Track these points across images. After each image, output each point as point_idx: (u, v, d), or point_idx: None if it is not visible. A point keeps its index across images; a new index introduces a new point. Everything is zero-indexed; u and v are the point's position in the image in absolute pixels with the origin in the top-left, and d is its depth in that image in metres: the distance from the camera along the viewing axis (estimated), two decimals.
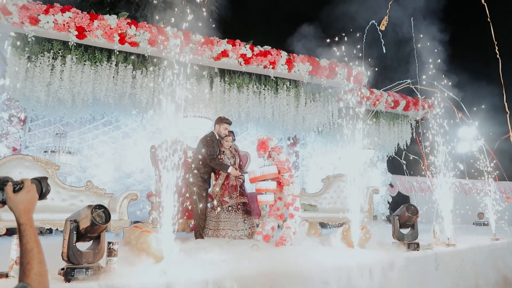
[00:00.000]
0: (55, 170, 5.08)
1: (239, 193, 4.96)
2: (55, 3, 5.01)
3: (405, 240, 4.00)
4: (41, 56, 5.23)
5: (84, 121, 7.18)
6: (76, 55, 5.35)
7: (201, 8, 9.66)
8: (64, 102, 5.74)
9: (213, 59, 5.87)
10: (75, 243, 2.54)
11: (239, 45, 5.97)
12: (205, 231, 4.78)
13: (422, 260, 3.87)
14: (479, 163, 5.84)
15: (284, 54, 6.35)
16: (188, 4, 9.16)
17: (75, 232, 2.56)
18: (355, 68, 6.99)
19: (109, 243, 2.70)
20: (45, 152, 6.46)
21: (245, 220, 4.92)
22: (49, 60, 5.26)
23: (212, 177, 5.36)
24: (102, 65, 5.49)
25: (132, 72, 5.67)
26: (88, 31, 5.07)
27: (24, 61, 5.15)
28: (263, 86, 6.60)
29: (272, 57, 6.20)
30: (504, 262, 4.72)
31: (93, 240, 2.71)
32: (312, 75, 6.66)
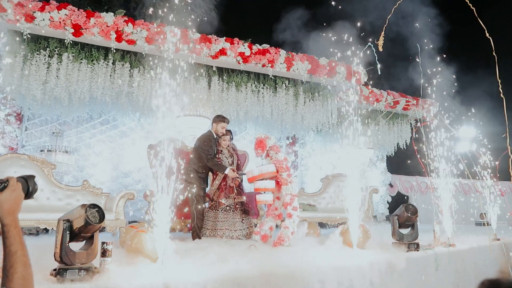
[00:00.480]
0: (51, 169, 5.02)
1: (237, 193, 4.91)
2: (51, 0, 4.95)
3: (405, 240, 3.95)
4: (37, 54, 5.17)
5: (81, 120, 7.12)
6: (73, 53, 5.29)
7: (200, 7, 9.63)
8: (61, 101, 5.68)
9: (211, 58, 5.81)
10: (68, 243, 2.48)
11: (238, 43, 5.91)
12: (203, 231, 4.72)
13: (422, 261, 3.82)
14: (479, 162, 5.79)
15: (283, 53, 6.30)
16: (187, 3, 9.13)
17: (68, 232, 2.50)
18: (355, 67, 6.94)
19: (103, 243, 2.65)
20: (42, 151, 6.40)
21: (243, 220, 4.87)
22: (45, 58, 5.20)
23: (210, 176, 5.32)
24: (99, 63, 5.43)
25: (130, 71, 5.61)
26: (85, 29, 5.01)
27: (20, 59, 5.10)
28: (262, 85, 6.54)
29: (271, 56, 6.14)
30: (505, 263, 4.66)
31: (87, 240, 2.65)
32: (311, 74, 6.61)
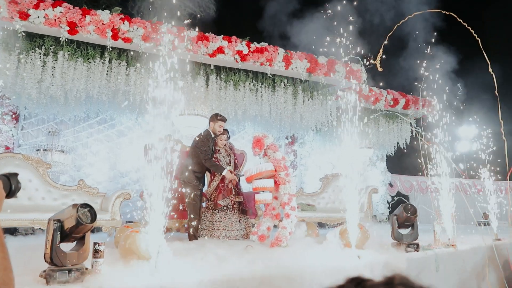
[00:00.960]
0: (46, 169, 4.96)
1: (235, 192, 4.84)
2: None
3: (405, 241, 3.88)
4: (32, 52, 5.11)
5: (78, 119, 7.06)
6: (68, 52, 5.23)
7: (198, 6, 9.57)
8: (57, 100, 5.62)
9: (209, 56, 5.74)
10: (59, 244, 2.42)
11: (235, 42, 5.84)
12: (200, 231, 4.66)
13: (422, 261, 3.75)
14: (480, 162, 5.74)
15: (281, 51, 6.23)
16: (185, 1, 9.07)
17: (59, 232, 2.44)
18: (354, 66, 6.88)
19: (95, 244, 2.59)
20: (38, 151, 6.34)
21: (241, 220, 4.80)
22: (41, 57, 5.14)
23: (207, 175, 5.25)
24: (95, 62, 5.36)
25: (126, 69, 5.55)
26: (80, 27, 4.95)
27: (15, 57, 5.04)
28: (260, 84, 6.48)
29: (269, 54, 6.08)
30: (506, 263, 4.60)
31: (78, 241, 2.59)
32: (310, 73, 6.54)
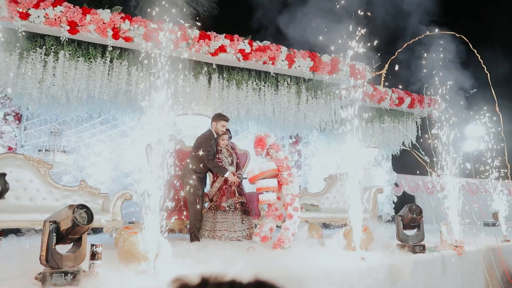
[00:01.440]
0: (48, 169, 4.93)
1: (238, 193, 4.78)
2: None
3: (410, 242, 3.79)
4: (33, 52, 5.08)
5: (81, 120, 7.03)
6: (69, 51, 5.19)
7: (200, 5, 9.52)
8: (58, 100, 5.59)
9: (211, 55, 5.69)
10: (55, 246, 2.37)
11: (237, 40, 5.78)
12: (201, 232, 4.60)
13: (429, 263, 3.66)
14: (487, 161, 5.63)
15: (284, 50, 6.15)
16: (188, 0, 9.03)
17: (55, 234, 2.39)
18: (359, 64, 6.79)
19: (92, 246, 2.53)
20: (40, 151, 6.32)
21: (243, 221, 4.73)
22: (42, 56, 5.11)
23: (209, 176, 5.19)
24: (96, 62, 5.32)
25: (128, 69, 5.50)
26: (81, 26, 4.91)
27: (16, 57, 5.01)
28: (263, 83, 6.41)
29: (272, 53, 6.01)
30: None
31: (74, 243, 2.54)
32: (314, 72, 6.46)
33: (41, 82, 5.14)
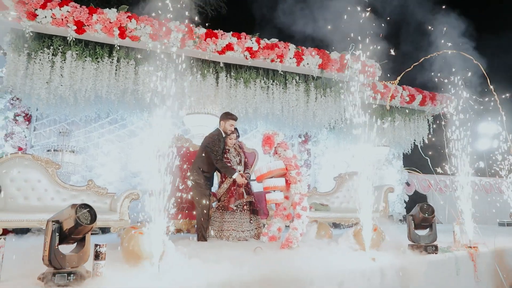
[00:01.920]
0: (55, 169, 4.94)
1: (246, 192, 4.71)
2: None
3: (422, 242, 3.68)
4: (41, 53, 5.09)
5: (90, 120, 7.04)
6: (77, 51, 5.20)
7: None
8: (66, 100, 5.61)
9: (218, 53, 5.64)
10: (58, 246, 2.34)
11: (245, 38, 5.72)
12: (209, 232, 4.55)
13: (441, 264, 3.55)
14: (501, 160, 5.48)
15: (292, 47, 6.07)
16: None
17: (58, 234, 2.36)
18: (368, 61, 6.67)
19: (96, 246, 2.50)
20: (48, 151, 6.34)
21: (251, 220, 4.67)
22: (49, 57, 5.12)
23: (217, 175, 5.14)
24: (103, 61, 5.32)
25: (135, 68, 5.49)
26: (87, 26, 4.91)
27: (24, 58, 5.03)
28: (271, 81, 6.33)
29: (280, 50, 5.93)
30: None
31: (78, 242, 2.51)
32: (322, 69, 6.37)
33: (49, 83, 5.15)
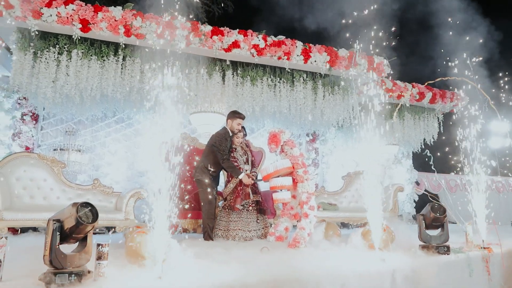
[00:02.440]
0: (61, 168, 4.92)
1: (252, 191, 4.64)
2: None
3: (433, 243, 3.58)
4: (47, 52, 5.08)
5: (96, 119, 7.03)
6: (82, 50, 5.17)
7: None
8: (73, 99, 5.59)
9: (224, 51, 5.57)
10: (59, 245, 2.29)
11: (251, 35, 5.64)
12: (215, 232, 4.49)
13: (454, 265, 3.44)
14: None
15: (300, 44, 5.98)
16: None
17: (59, 233, 2.31)
18: (377, 58, 6.55)
19: (98, 245, 2.45)
20: (55, 150, 6.34)
21: (258, 220, 4.60)
22: (55, 56, 5.10)
23: (223, 174, 5.08)
24: (109, 60, 5.29)
25: (140, 66, 5.45)
26: (92, 24, 4.87)
27: (30, 57, 5.02)
28: (278, 79, 6.25)
29: (287, 48, 5.84)
30: None
31: (80, 242, 2.46)
32: (330, 66, 6.27)
33: (55, 81, 5.13)
